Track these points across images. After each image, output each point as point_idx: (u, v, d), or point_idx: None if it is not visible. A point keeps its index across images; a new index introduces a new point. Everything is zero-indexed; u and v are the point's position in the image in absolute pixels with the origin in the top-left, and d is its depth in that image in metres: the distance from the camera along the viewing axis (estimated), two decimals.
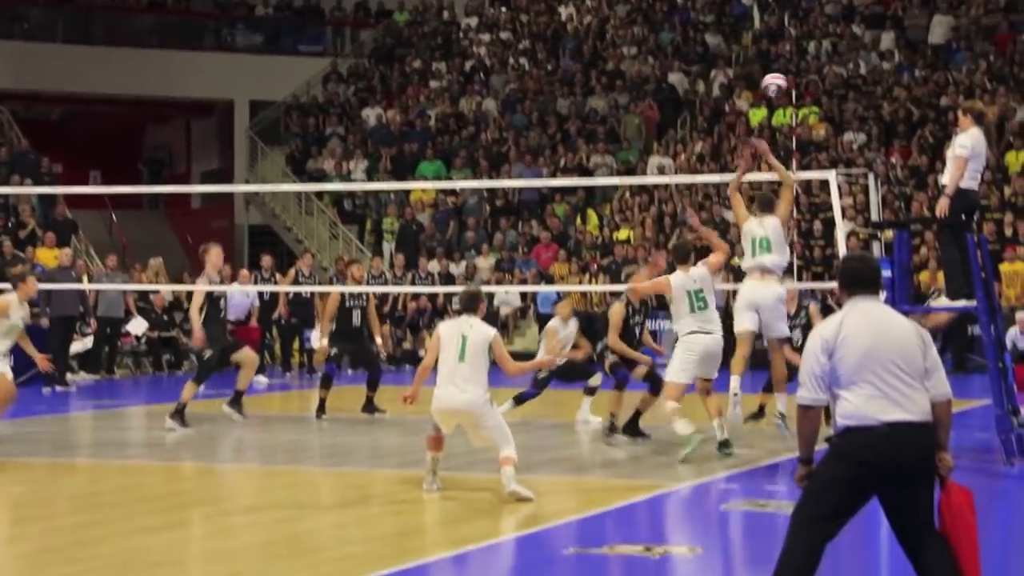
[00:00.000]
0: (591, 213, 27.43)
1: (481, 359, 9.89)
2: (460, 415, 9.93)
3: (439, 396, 9.96)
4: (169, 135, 38.76)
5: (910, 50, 28.85)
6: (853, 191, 23.30)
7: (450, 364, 9.93)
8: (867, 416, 5.70)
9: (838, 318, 5.88)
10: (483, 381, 9.89)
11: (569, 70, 31.94)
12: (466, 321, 10.11)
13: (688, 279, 12.19)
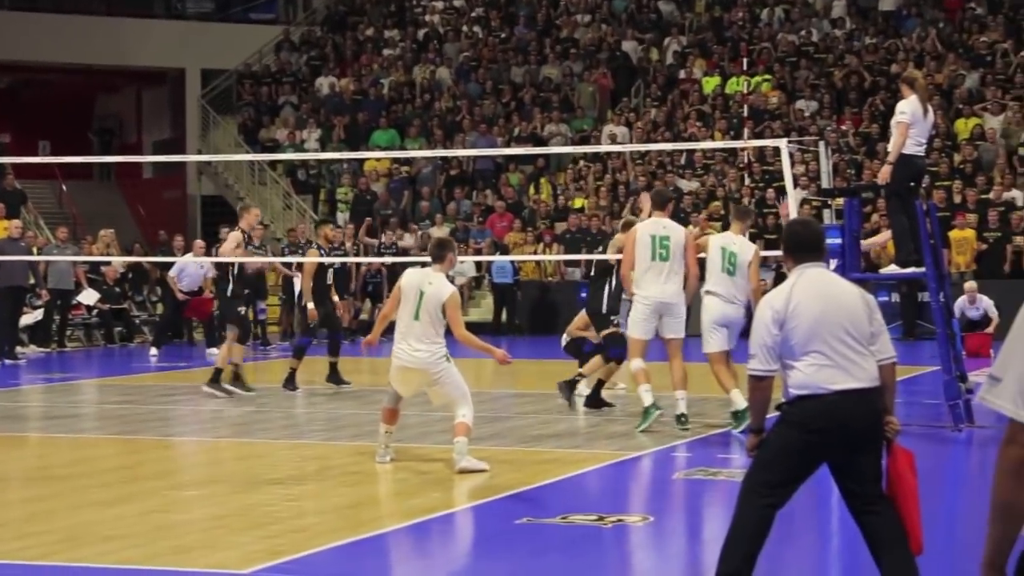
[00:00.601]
0: (544, 182, 27.43)
1: (435, 317, 9.81)
2: (414, 373, 9.87)
3: (395, 352, 9.94)
4: (119, 104, 38.35)
5: (861, 17, 28.94)
6: (805, 159, 23.40)
7: (406, 321, 9.87)
8: (817, 385, 5.74)
9: (787, 288, 5.89)
10: (437, 339, 9.82)
11: (523, 38, 31.85)
12: (428, 276, 9.98)
13: (658, 224, 11.97)
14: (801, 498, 6.15)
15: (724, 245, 12.07)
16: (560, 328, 23.06)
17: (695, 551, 7.79)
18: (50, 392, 16.61)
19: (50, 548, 7.46)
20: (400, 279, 10.14)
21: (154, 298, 24.29)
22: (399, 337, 9.90)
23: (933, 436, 11.89)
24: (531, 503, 8.77)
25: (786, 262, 6.06)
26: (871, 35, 28.18)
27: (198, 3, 35.98)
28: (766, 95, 26.95)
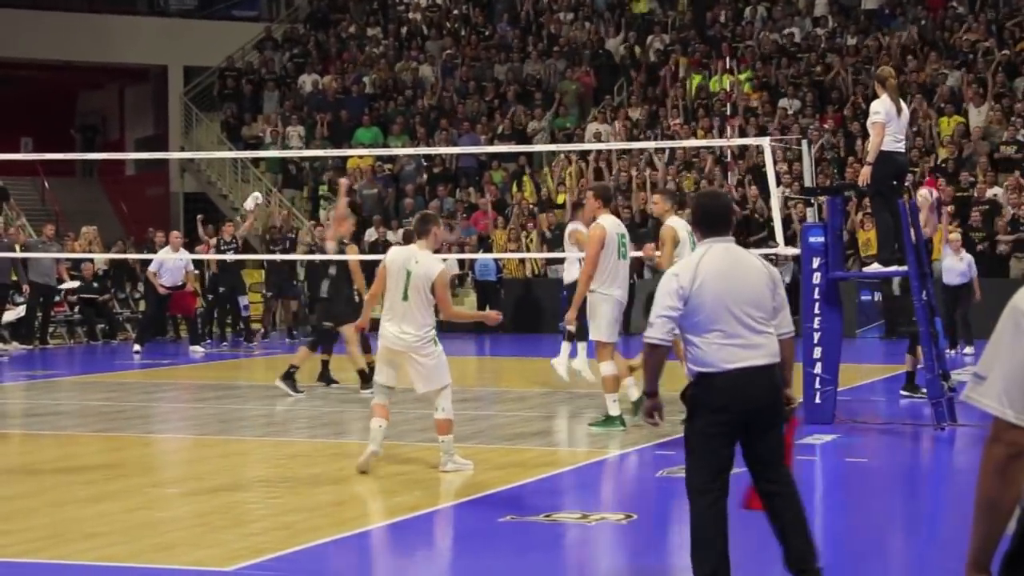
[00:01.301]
0: (527, 180, 27.41)
1: (424, 297, 9.59)
2: (399, 354, 9.70)
3: (382, 332, 9.74)
4: (102, 101, 38.24)
5: (843, 16, 29.00)
6: (788, 157, 23.44)
7: (393, 301, 9.68)
8: (717, 363, 5.79)
9: (694, 262, 5.90)
10: (425, 321, 9.63)
11: (506, 36, 31.84)
12: (413, 253, 9.75)
13: (616, 222, 11.89)
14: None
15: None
16: (543, 326, 23.17)
17: (678, 549, 7.79)
18: (32, 389, 16.55)
19: (32, 545, 7.44)
20: (385, 258, 9.94)
21: (137, 295, 24.23)
22: (386, 316, 9.70)
23: (916, 434, 11.93)
24: (514, 501, 8.76)
25: (695, 234, 6.08)
26: (852, 34, 28.24)
27: (181, 0, 35.87)
28: (749, 94, 26.99)
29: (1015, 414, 3.04)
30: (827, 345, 12.16)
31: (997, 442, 3.10)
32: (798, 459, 10.52)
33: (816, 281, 12.14)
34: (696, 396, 5.87)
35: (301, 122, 30.63)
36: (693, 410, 5.89)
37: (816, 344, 12.15)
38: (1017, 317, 3.08)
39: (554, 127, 28.49)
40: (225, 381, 18.08)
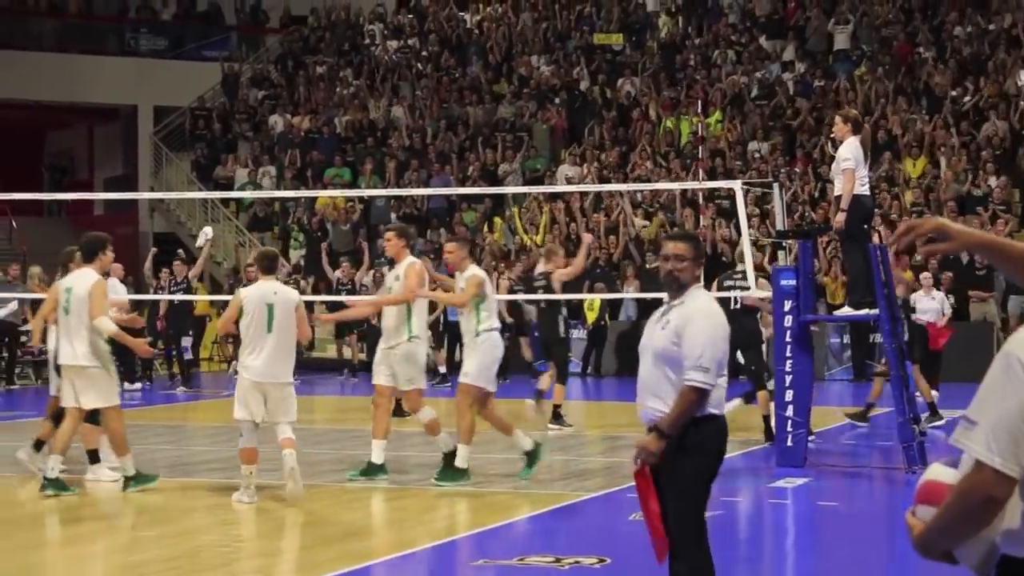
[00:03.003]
0: (498, 221, 27.43)
1: (290, 327, 10.10)
2: (267, 387, 10.10)
3: (253, 367, 10.05)
4: (72, 141, 38.14)
5: (811, 60, 29.23)
6: (758, 199, 23.56)
7: (258, 334, 10.02)
8: (720, 405, 5.92)
9: (717, 304, 6.06)
10: (292, 351, 10.25)
11: (476, 77, 31.95)
12: (270, 287, 10.21)
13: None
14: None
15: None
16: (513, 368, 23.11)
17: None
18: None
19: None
20: (238, 293, 10.43)
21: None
22: (253, 350, 10.05)
23: (887, 477, 11.95)
24: (487, 544, 8.72)
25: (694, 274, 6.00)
26: (820, 78, 28.45)
27: (151, 40, 35.86)
28: (719, 136, 27.15)
29: (1002, 461, 3.05)
30: (798, 388, 12.19)
31: (977, 487, 3.10)
32: (771, 502, 10.61)
33: (787, 324, 12.18)
34: (708, 438, 5.87)
35: (272, 162, 30.61)
36: (703, 452, 5.87)
37: (787, 387, 12.17)
38: (1010, 362, 3.09)
39: (525, 168, 28.57)
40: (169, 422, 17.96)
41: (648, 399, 5.84)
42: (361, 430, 15.66)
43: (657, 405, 5.80)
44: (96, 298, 10.34)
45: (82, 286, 10.46)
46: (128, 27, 35.93)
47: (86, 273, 10.58)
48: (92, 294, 10.36)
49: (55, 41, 35.02)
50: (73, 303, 10.47)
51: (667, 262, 5.94)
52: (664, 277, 5.96)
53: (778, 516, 10.42)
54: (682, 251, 5.93)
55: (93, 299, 10.36)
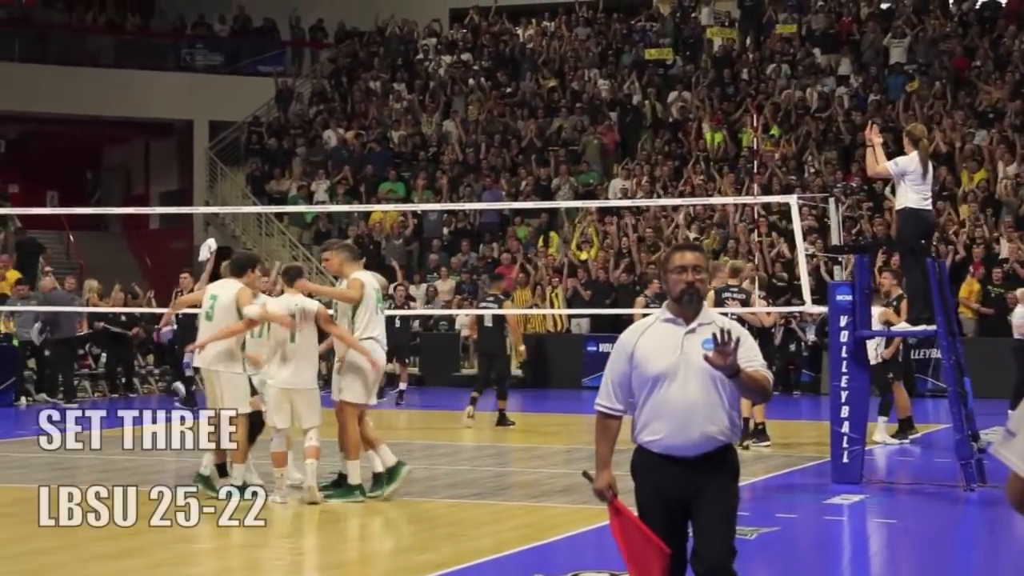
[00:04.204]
0: (554, 236, 27.39)
1: (312, 337, 10.59)
2: (294, 394, 10.53)
3: (280, 375, 10.51)
4: (128, 155, 38.52)
5: (866, 74, 29.07)
6: (813, 213, 23.44)
7: (283, 344, 10.51)
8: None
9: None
10: (315, 359, 10.71)
11: (529, 92, 31.99)
12: (293, 299, 10.65)
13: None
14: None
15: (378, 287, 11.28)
16: (556, 382, 23.10)
17: None
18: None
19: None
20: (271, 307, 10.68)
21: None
22: (278, 361, 10.48)
23: (945, 495, 11.81)
24: (542, 559, 8.70)
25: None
26: (876, 92, 28.29)
27: (207, 56, 36.16)
28: (773, 150, 27.03)
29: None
30: (854, 404, 12.09)
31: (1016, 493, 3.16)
32: (827, 519, 10.52)
33: (843, 340, 12.09)
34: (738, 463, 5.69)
35: (326, 177, 30.79)
36: (738, 475, 5.66)
37: (843, 403, 12.07)
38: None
39: (577, 183, 28.56)
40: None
41: (701, 426, 5.43)
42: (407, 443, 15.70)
43: (714, 431, 5.45)
44: (242, 298, 10.81)
45: (227, 294, 10.95)
46: (184, 43, 36.25)
47: (233, 283, 11.01)
48: (238, 296, 10.87)
49: (112, 57, 35.38)
50: (217, 310, 10.94)
51: (684, 274, 5.50)
52: (684, 290, 5.49)
53: (834, 533, 10.33)
54: (700, 261, 5.55)
55: (239, 298, 10.83)
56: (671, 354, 5.46)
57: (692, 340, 5.48)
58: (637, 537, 5.50)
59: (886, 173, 12.19)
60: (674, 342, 5.49)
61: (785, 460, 13.27)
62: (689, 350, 5.45)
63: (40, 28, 35.07)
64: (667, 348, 5.48)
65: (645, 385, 5.49)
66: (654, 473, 5.53)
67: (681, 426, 5.43)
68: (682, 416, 5.43)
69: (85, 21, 35.65)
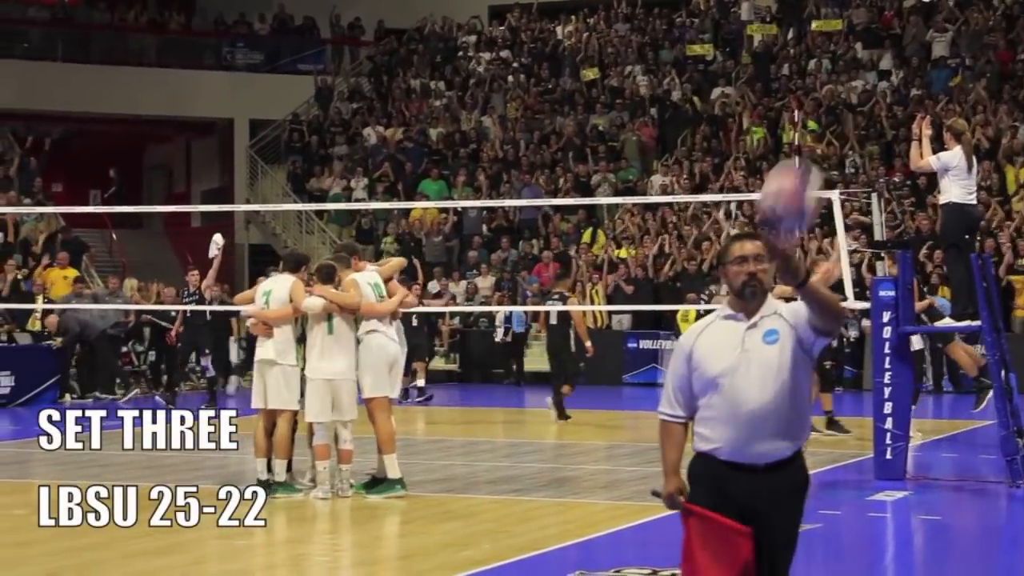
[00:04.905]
0: (600, 233, 27.30)
1: (349, 329, 10.81)
2: (335, 385, 10.71)
3: (321, 367, 10.72)
4: (170, 154, 38.74)
5: (908, 68, 28.87)
6: (856, 208, 23.27)
7: (321, 337, 10.75)
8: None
9: None
10: (353, 351, 10.84)
11: (568, 88, 31.94)
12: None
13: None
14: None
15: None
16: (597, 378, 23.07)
17: None
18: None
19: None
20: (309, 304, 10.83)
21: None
22: (318, 354, 10.69)
23: (989, 492, 11.71)
24: (583, 555, 8.68)
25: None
26: (918, 86, 28.09)
27: (247, 54, 36.29)
28: (814, 146, 26.88)
29: None
30: (897, 400, 12.00)
31: None
32: (870, 515, 10.45)
33: (886, 336, 12.00)
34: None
35: (365, 174, 30.85)
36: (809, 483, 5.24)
37: (886, 399, 11.99)
38: None
39: (617, 179, 28.49)
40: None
41: (767, 430, 5.00)
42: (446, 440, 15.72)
43: (781, 436, 5.03)
44: (295, 291, 10.97)
45: (281, 288, 11.12)
46: (225, 42, 36.41)
47: (287, 278, 11.22)
48: (292, 290, 11.02)
49: (154, 56, 35.57)
50: (271, 305, 11.08)
51: (745, 264, 5.07)
52: (746, 283, 5.06)
53: (878, 530, 10.26)
54: (762, 250, 5.05)
55: (293, 292, 10.98)
56: (731, 352, 5.04)
57: (754, 336, 5.06)
58: (718, 532, 5.03)
59: (929, 168, 12.12)
60: (735, 339, 5.07)
61: (828, 456, 13.19)
62: (751, 347, 5.04)
63: (82, 28, 35.30)
64: (727, 346, 5.07)
65: (705, 387, 5.08)
66: (717, 482, 5.07)
67: (746, 431, 5.00)
68: (746, 419, 5.00)
69: (127, 20, 35.85)
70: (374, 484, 11.04)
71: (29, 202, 26.06)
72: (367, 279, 11.15)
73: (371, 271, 11.41)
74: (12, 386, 20.31)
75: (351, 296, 10.89)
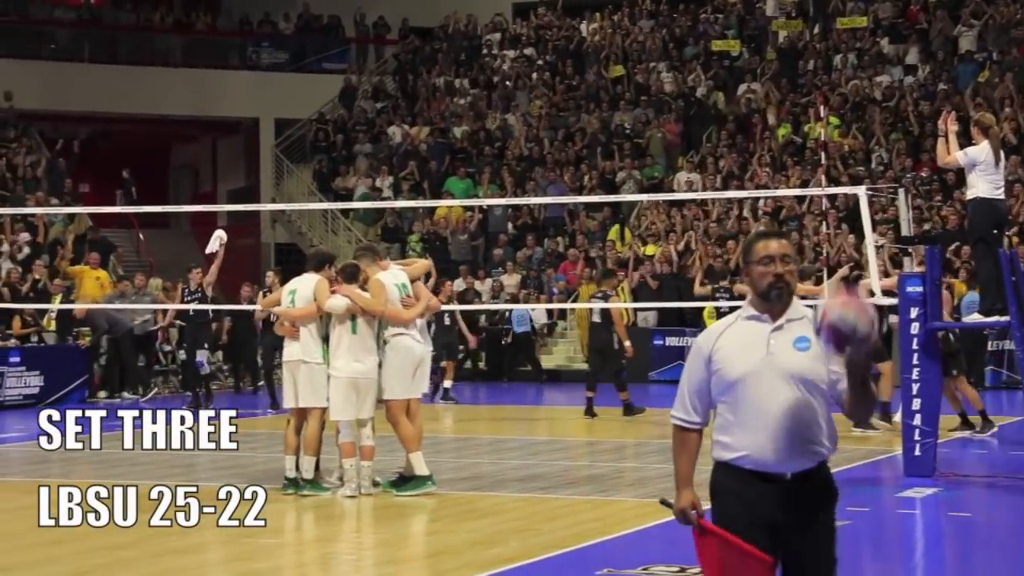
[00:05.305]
0: (627, 230, 27.26)
1: (370, 329, 10.83)
2: (359, 383, 10.73)
3: (345, 366, 10.75)
4: (196, 153, 38.87)
5: (935, 62, 28.74)
6: (883, 204, 23.17)
7: (346, 336, 10.78)
8: None
9: None
10: (375, 349, 10.86)
11: (593, 85, 31.90)
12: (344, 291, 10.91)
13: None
14: None
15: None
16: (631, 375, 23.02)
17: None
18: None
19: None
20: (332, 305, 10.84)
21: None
22: (343, 353, 10.70)
23: (1020, 488, 11.65)
24: (611, 553, 8.67)
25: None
26: (944, 81, 27.96)
27: (272, 54, 36.39)
28: (841, 141, 26.78)
29: None
30: (926, 396, 11.95)
31: None
32: (899, 512, 10.41)
33: (914, 332, 11.95)
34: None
35: (391, 173, 30.89)
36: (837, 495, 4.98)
37: (915, 395, 11.94)
38: None
39: (642, 176, 28.46)
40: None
41: (792, 437, 4.75)
42: (474, 438, 15.73)
43: (808, 444, 4.76)
44: (320, 290, 11.00)
45: (306, 287, 11.16)
46: (250, 41, 36.52)
47: (311, 277, 11.25)
48: (316, 288, 11.06)
49: (180, 57, 35.72)
50: (297, 303, 11.15)
51: (771, 265, 4.83)
52: (772, 284, 4.82)
53: (907, 527, 10.22)
54: (788, 250, 4.87)
55: (318, 291, 11.03)
56: (756, 354, 4.79)
57: (780, 338, 4.81)
58: (734, 555, 4.76)
59: (956, 164, 12.09)
60: (759, 340, 4.82)
61: (856, 453, 13.15)
62: (776, 349, 4.79)
63: (109, 29, 35.45)
64: (751, 347, 4.81)
65: (726, 390, 4.82)
66: (740, 494, 4.79)
67: (770, 438, 4.74)
68: (771, 426, 4.74)
69: (153, 21, 35.99)
70: (402, 482, 11.07)
71: (56, 202, 26.18)
72: (393, 278, 11.16)
73: (397, 270, 11.42)
74: (41, 386, 20.42)
75: (376, 303, 10.89)
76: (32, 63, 32.91)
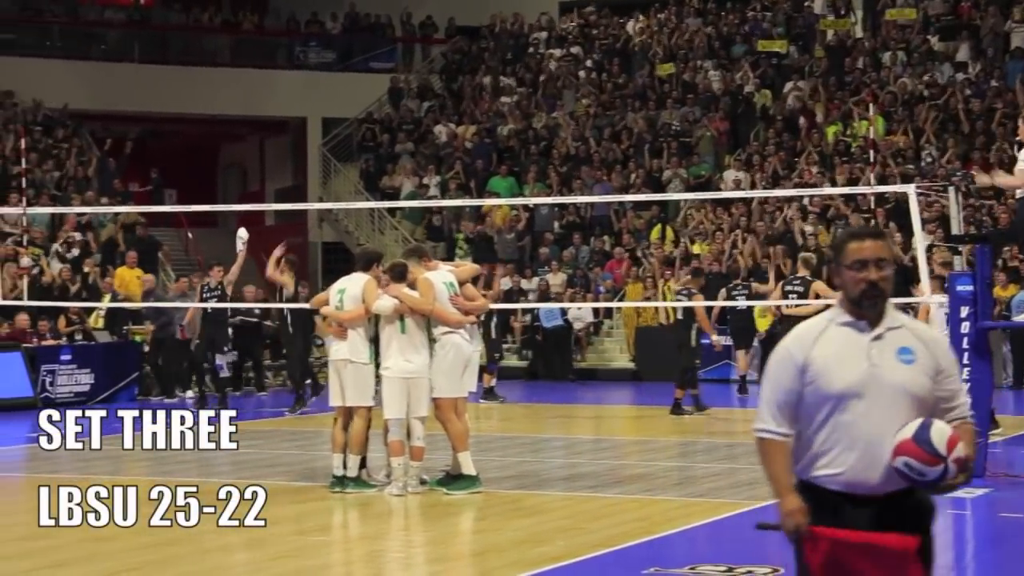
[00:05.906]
0: (669, 229, 27.19)
1: (420, 327, 10.89)
2: (409, 382, 10.79)
3: (395, 366, 10.80)
4: (244, 153, 39.09)
5: (986, 60, 28.49)
6: (932, 203, 23.00)
7: (395, 336, 10.84)
8: None
9: None
10: (425, 347, 10.89)
11: (640, 84, 31.83)
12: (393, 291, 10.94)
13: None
14: None
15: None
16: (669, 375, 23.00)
17: None
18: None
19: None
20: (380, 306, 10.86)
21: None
22: (393, 352, 10.77)
23: None
24: (658, 552, 8.65)
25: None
26: (996, 78, 27.71)
27: (319, 53, 36.53)
28: (890, 140, 26.58)
29: None
30: (976, 397, 11.79)
31: None
32: (949, 513, 10.31)
33: (965, 331, 11.85)
34: None
35: (436, 171, 30.94)
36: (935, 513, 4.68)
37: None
38: None
39: (689, 175, 28.37)
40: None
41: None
42: (517, 437, 15.72)
43: (902, 482, 4.45)
44: (368, 291, 11.04)
45: (355, 287, 11.23)
46: (297, 41, 36.68)
47: (360, 277, 11.31)
48: (365, 289, 11.11)
49: (228, 57, 35.93)
50: (346, 303, 11.20)
51: (865, 271, 4.46)
52: (865, 292, 4.46)
53: (958, 528, 10.12)
54: (884, 252, 4.49)
55: (366, 292, 11.07)
56: (857, 366, 4.45)
57: (881, 349, 4.47)
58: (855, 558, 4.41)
59: (1022, 181, 11.76)
60: (859, 351, 4.47)
61: None
62: (879, 362, 4.45)
63: (158, 29, 35.71)
64: (851, 358, 4.46)
65: (824, 405, 4.46)
66: (828, 514, 4.45)
67: (870, 456, 4.41)
68: (871, 444, 4.41)
69: (201, 21, 36.22)
70: (449, 480, 11.09)
71: (106, 201, 26.39)
72: (441, 278, 11.20)
73: (445, 270, 11.45)
74: (92, 383, 20.59)
75: (424, 302, 10.92)
76: (82, 64, 33.21)
